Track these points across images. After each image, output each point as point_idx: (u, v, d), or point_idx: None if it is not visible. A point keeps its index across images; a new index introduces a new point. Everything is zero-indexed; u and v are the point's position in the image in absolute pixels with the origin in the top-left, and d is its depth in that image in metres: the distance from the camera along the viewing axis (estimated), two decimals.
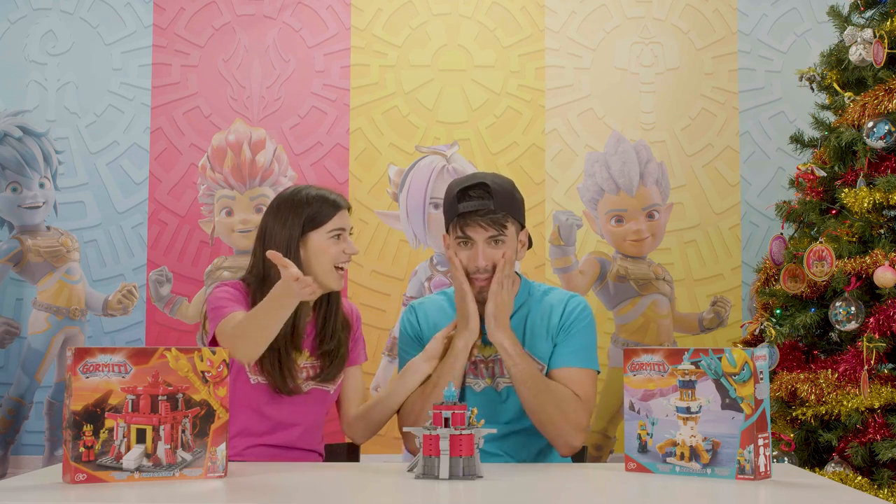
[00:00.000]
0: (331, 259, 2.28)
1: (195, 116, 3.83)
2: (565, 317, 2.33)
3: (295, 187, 2.36)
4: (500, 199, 2.24)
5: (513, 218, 2.27)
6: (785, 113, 3.84)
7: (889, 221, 2.94)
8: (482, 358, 2.34)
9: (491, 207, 2.22)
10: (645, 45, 3.88)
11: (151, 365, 1.80)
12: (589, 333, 2.35)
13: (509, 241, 2.27)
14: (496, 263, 2.24)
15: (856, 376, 2.77)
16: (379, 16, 3.87)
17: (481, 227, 2.24)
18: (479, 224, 2.23)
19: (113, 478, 1.76)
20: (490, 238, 2.25)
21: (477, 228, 2.24)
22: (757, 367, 1.80)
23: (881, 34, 2.95)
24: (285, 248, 2.25)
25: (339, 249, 2.29)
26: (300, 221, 2.28)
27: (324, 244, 2.28)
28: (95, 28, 3.86)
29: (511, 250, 2.27)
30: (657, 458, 1.90)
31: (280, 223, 2.29)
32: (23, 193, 3.79)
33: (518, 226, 2.31)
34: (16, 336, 3.75)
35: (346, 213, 2.33)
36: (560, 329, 2.33)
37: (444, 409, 1.83)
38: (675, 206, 3.82)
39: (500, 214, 2.24)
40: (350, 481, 1.91)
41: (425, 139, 3.84)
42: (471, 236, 2.25)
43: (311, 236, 2.28)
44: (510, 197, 2.28)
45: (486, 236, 2.24)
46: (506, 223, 2.25)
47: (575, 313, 2.34)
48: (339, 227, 2.29)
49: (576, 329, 2.33)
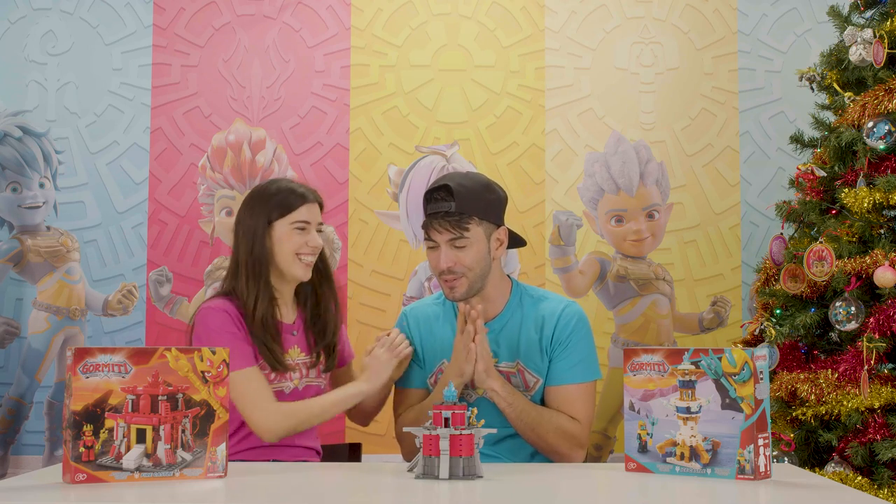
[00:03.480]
0: (292, 248, 2.33)
1: (195, 116, 3.83)
2: (559, 331, 2.32)
3: (269, 180, 2.45)
4: (463, 199, 2.25)
5: (479, 218, 2.27)
6: (785, 113, 3.84)
7: (889, 221, 2.94)
8: None
9: (451, 209, 2.24)
10: (645, 45, 3.88)
11: (151, 365, 1.80)
12: (586, 344, 2.34)
13: (473, 242, 2.27)
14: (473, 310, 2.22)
15: (856, 376, 2.77)
16: (379, 16, 3.87)
17: (442, 229, 2.26)
18: (439, 226, 2.26)
19: (113, 478, 1.76)
20: (451, 240, 2.26)
21: (437, 231, 2.27)
22: (757, 367, 1.80)
23: (881, 34, 2.95)
24: (252, 236, 2.33)
25: (303, 241, 2.34)
26: (267, 210, 2.34)
27: (287, 233, 2.33)
28: (95, 28, 3.86)
29: (477, 252, 2.28)
30: (657, 458, 1.90)
31: (249, 213, 2.36)
32: (23, 193, 3.79)
33: (488, 225, 2.30)
34: (16, 336, 3.75)
35: (314, 207, 2.37)
36: (556, 344, 2.32)
37: (444, 409, 1.83)
38: (675, 206, 3.82)
39: (462, 216, 2.24)
40: (350, 481, 1.91)
41: (425, 139, 3.84)
42: (434, 239, 2.28)
43: (275, 225, 2.34)
44: (476, 197, 2.28)
45: (446, 238, 2.26)
46: (468, 225, 2.25)
47: (570, 326, 2.32)
48: (304, 219, 2.34)
49: (573, 342, 2.32)
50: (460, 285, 2.29)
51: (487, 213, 2.30)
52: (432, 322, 2.42)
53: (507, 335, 2.34)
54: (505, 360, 2.33)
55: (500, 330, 2.35)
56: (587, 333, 2.36)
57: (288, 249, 2.33)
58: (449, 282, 2.29)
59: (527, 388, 2.32)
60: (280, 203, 2.34)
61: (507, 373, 2.31)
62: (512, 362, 2.33)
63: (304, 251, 2.34)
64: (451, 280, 2.28)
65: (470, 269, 2.28)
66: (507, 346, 2.34)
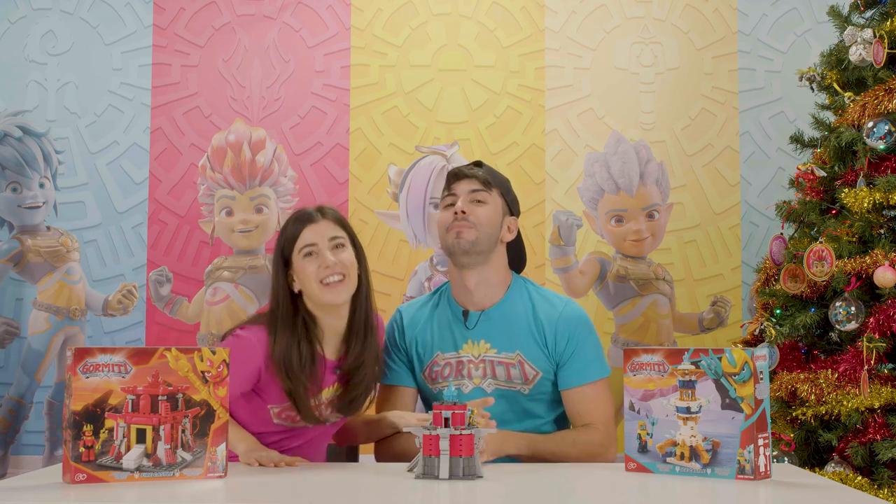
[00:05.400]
0: (312, 277, 2.20)
1: (195, 116, 3.83)
2: (561, 335, 2.31)
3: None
4: (490, 173, 2.38)
5: (499, 192, 2.37)
6: (785, 113, 3.84)
7: (889, 221, 2.94)
8: (471, 358, 2.33)
9: (478, 173, 2.35)
10: (645, 45, 3.88)
11: (151, 365, 1.80)
12: (591, 343, 2.34)
13: (491, 203, 2.33)
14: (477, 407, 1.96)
15: (856, 376, 2.76)
16: (379, 16, 3.87)
17: (466, 179, 2.34)
18: (465, 176, 2.34)
19: (113, 478, 1.76)
20: (472, 192, 2.32)
21: (462, 181, 2.34)
22: (757, 367, 1.80)
23: (881, 34, 2.95)
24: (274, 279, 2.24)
25: (316, 265, 2.20)
26: (280, 247, 2.25)
27: (300, 264, 2.21)
28: (95, 28, 3.86)
29: (492, 215, 2.32)
30: (657, 458, 1.90)
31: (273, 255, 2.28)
32: (23, 193, 3.79)
33: (504, 202, 2.38)
34: (16, 336, 3.75)
35: (320, 225, 2.23)
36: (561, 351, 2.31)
37: (444, 409, 1.83)
38: (675, 206, 3.82)
39: (488, 178, 2.35)
40: (350, 481, 1.91)
41: (425, 139, 3.84)
42: (455, 191, 2.34)
43: (293, 260, 2.23)
44: (501, 179, 2.41)
45: (469, 189, 2.32)
46: (491, 188, 2.34)
47: (571, 328, 2.31)
48: (308, 242, 2.21)
49: (578, 344, 2.31)
50: (469, 234, 2.28)
51: (507, 196, 2.39)
52: (425, 316, 2.42)
53: (506, 323, 2.33)
54: (505, 349, 2.32)
55: (500, 317, 2.34)
56: (590, 333, 2.35)
57: (309, 280, 2.20)
58: (459, 227, 2.29)
59: (525, 381, 2.31)
60: (287, 237, 2.24)
61: (507, 363, 2.30)
62: (512, 353, 2.32)
63: (323, 275, 2.19)
64: (462, 226, 2.29)
65: (482, 224, 2.30)
66: (506, 335, 2.33)
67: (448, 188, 2.37)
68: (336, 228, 2.24)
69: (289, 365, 2.16)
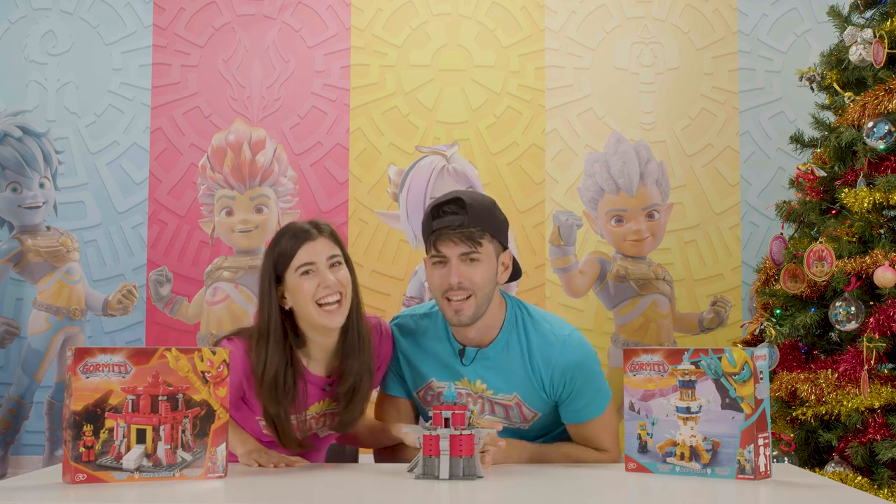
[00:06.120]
0: (308, 297, 2.09)
1: (195, 116, 3.83)
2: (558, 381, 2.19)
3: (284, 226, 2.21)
4: (476, 214, 2.11)
5: (490, 236, 2.13)
6: (785, 113, 3.84)
7: (889, 221, 2.94)
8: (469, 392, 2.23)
9: (464, 222, 2.09)
10: (645, 45, 3.88)
11: (151, 365, 1.80)
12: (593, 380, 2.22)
13: (485, 259, 2.13)
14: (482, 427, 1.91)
15: (856, 376, 2.76)
16: (379, 16, 3.87)
17: (453, 242, 2.10)
18: (451, 239, 2.10)
19: (113, 478, 1.76)
20: (463, 255, 2.11)
21: (449, 244, 2.11)
22: (757, 367, 1.80)
23: (881, 34, 2.95)
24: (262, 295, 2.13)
25: (314, 284, 2.09)
26: (272, 264, 2.13)
27: (296, 283, 2.10)
28: (95, 28, 3.86)
29: (487, 270, 2.13)
30: (657, 458, 1.90)
31: (261, 270, 2.15)
32: (23, 193, 3.79)
33: (497, 245, 2.17)
34: (16, 336, 3.75)
35: (318, 243, 2.12)
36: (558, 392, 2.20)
37: (444, 409, 1.83)
38: (675, 206, 3.82)
39: (475, 229, 2.10)
40: (350, 481, 1.91)
41: (425, 139, 3.84)
42: (444, 253, 2.12)
43: (286, 277, 2.12)
44: (488, 214, 2.15)
45: (458, 252, 2.11)
46: (481, 240, 2.11)
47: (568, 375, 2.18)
48: (306, 261, 2.10)
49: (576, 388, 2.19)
50: (468, 307, 2.12)
51: (497, 233, 2.16)
52: (419, 337, 2.29)
53: (502, 364, 2.22)
54: (502, 391, 2.21)
55: (495, 357, 2.21)
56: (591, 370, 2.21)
57: (304, 300, 2.09)
58: (456, 303, 2.12)
59: (524, 420, 2.23)
60: (281, 252, 2.12)
61: (505, 405, 2.22)
62: (509, 395, 2.22)
63: (320, 295, 2.09)
64: (460, 301, 2.12)
65: (479, 287, 2.12)
66: (503, 377, 2.21)
67: (434, 245, 2.13)
68: (333, 247, 2.15)
69: (271, 389, 2.08)
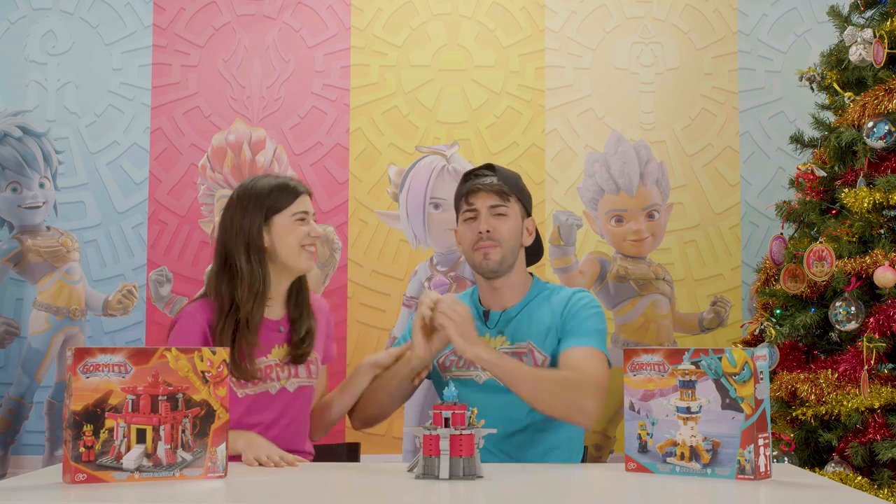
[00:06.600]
0: (297, 240, 2.33)
1: (195, 116, 3.83)
2: (568, 309, 2.36)
3: (251, 178, 2.43)
4: (504, 178, 2.40)
5: (516, 198, 2.40)
6: (785, 113, 3.84)
7: (889, 221, 2.94)
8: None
9: (494, 181, 2.37)
10: (645, 45, 3.88)
11: (151, 365, 1.80)
12: (595, 320, 2.36)
13: (512, 215, 2.38)
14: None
15: (856, 376, 2.77)
16: (379, 16, 3.87)
17: (485, 193, 2.36)
18: (482, 191, 2.36)
19: (113, 478, 1.76)
20: (492, 207, 2.36)
21: (481, 195, 2.36)
22: (757, 367, 1.80)
23: (881, 34, 2.95)
24: (247, 235, 2.31)
25: (305, 231, 2.34)
26: (263, 208, 2.33)
27: (289, 226, 2.33)
28: (95, 28, 3.86)
29: (513, 226, 2.37)
30: (657, 458, 1.90)
31: (241, 213, 2.34)
32: (23, 193, 3.79)
33: (522, 208, 2.43)
34: (16, 336, 3.75)
35: (307, 199, 2.39)
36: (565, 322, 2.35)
37: (444, 409, 1.83)
38: (675, 206, 3.82)
39: (505, 187, 2.37)
40: (350, 481, 1.91)
41: (425, 139, 3.84)
42: (475, 205, 2.36)
43: (274, 220, 2.33)
44: (515, 181, 2.43)
45: (489, 204, 2.36)
46: (509, 197, 2.37)
47: (579, 304, 2.37)
48: (303, 209, 2.35)
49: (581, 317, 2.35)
50: (495, 253, 2.35)
51: (522, 198, 2.43)
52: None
53: (522, 321, 2.39)
54: (517, 341, 2.37)
55: (517, 315, 2.40)
56: (597, 313, 2.39)
57: (292, 242, 2.33)
58: (485, 248, 2.35)
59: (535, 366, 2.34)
60: (278, 197, 2.35)
61: (519, 353, 2.35)
62: (523, 342, 2.37)
63: (307, 241, 2.35)
64: (488, 246, 2.34)
65: (506, 239, 2.36)
66: (520, 330, 2.38)
67: (466, 200, 2.39)
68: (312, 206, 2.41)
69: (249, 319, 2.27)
